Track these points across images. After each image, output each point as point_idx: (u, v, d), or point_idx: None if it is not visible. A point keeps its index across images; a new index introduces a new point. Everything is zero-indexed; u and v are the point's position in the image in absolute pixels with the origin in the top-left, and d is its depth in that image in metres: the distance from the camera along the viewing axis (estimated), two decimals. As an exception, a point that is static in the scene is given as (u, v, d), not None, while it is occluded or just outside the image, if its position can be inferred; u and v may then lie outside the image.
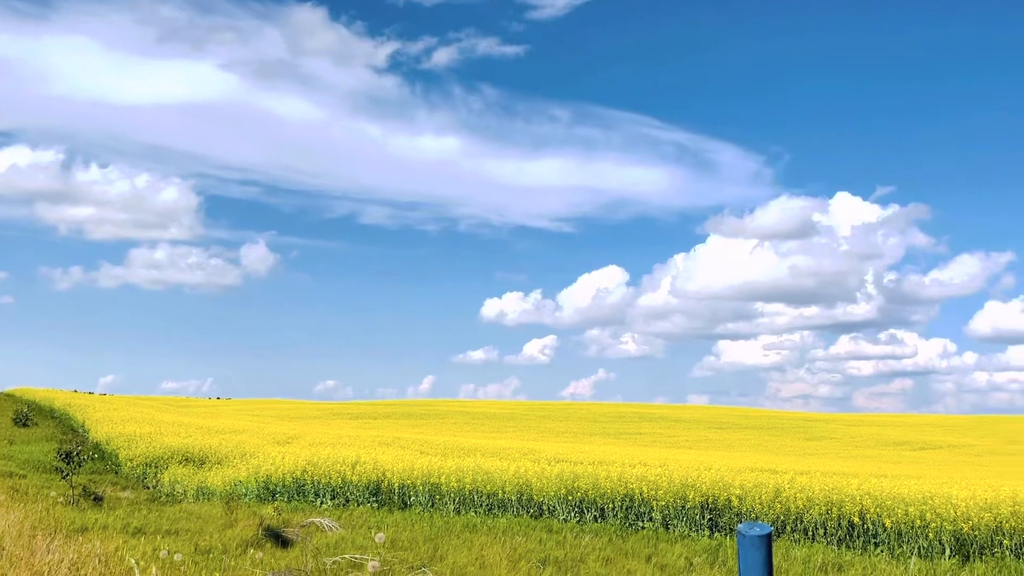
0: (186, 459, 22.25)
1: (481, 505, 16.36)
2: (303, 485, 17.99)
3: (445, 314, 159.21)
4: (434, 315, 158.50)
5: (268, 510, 15.15)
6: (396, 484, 17.21)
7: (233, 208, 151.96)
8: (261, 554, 11.04)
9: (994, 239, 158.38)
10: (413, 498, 17.00)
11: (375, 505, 17.01)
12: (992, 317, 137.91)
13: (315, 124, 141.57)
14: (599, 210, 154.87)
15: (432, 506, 16.73)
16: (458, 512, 16.28)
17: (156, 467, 21.61)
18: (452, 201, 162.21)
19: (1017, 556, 12.18)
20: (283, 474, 18.23)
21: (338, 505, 17.21)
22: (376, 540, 9.20)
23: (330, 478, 17.72)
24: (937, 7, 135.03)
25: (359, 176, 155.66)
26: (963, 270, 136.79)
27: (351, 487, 17.48)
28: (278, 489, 18.09)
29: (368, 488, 17.36)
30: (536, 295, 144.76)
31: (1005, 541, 12.35)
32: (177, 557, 9.98)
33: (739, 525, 3.74)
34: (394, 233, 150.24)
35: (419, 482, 16.99)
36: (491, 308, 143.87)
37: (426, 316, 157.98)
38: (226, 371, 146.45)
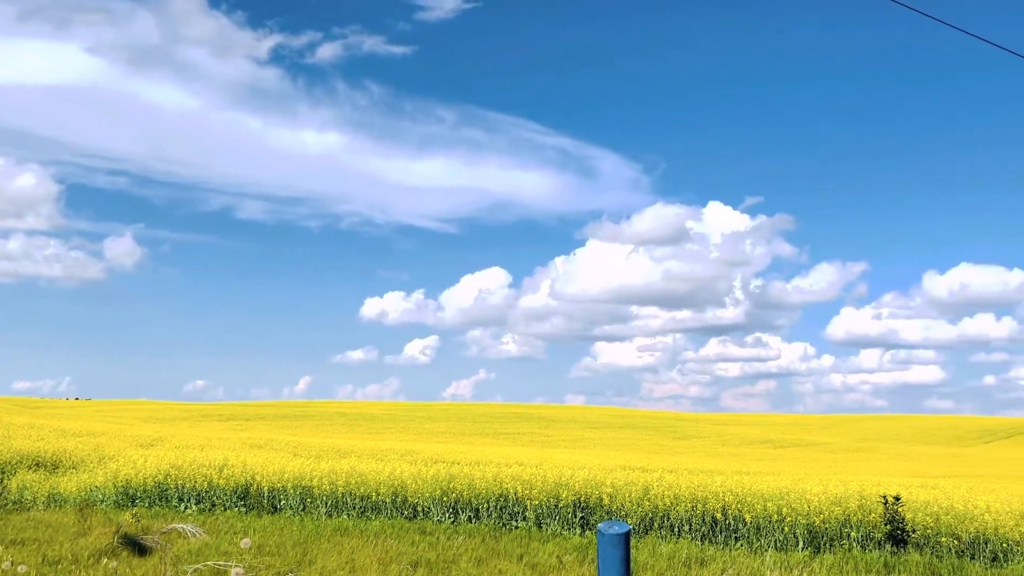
0: (37, 464, 20.83)
1: (354, 508, 16.09)
2: (166, 490, 17.19)
3: (324, 313, 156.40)
4: (312, 314, 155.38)
5: (126, 516, 14.39)
6: (266, 487, 16.70)
7: (98, 198, 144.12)
8: (116, 563, 10.47)
9: (850, 250, 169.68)
10: (283, 502, 16.54)
11: (243, 509, 16.45)
12: (847, 322, 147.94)
13: (190, 114, 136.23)
14: (483, 212, 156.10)
15: (303, 510, 16.33)
16: (330, 515, 15.95)
17: (2, 473, 20.13)
18: (334, 198, 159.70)
19: (863, 547, 13.00)
20: (144, 478, 17.36)
21: (204, 510, 16.54)
22: (242, 545, 8.90)
23: (195, 482, 17.01)
24: (803, 23, 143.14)
25: (236, 169, 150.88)
26: (822, 278, 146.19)
27: (218, 491, 16.84)
28: (139, 494, 17.21)
29: (236, 492, 16.77)
30: (418, 295, 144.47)
31: (852, 533, 13.16)
32: (21, 569, 9.35)
33: (599, 524, 3.82)
34: (272, 228, 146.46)
35: (290, 485, 16.55)
36: (372, 307, 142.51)
37: (304, 315, 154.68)
38: (86, 370, 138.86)
